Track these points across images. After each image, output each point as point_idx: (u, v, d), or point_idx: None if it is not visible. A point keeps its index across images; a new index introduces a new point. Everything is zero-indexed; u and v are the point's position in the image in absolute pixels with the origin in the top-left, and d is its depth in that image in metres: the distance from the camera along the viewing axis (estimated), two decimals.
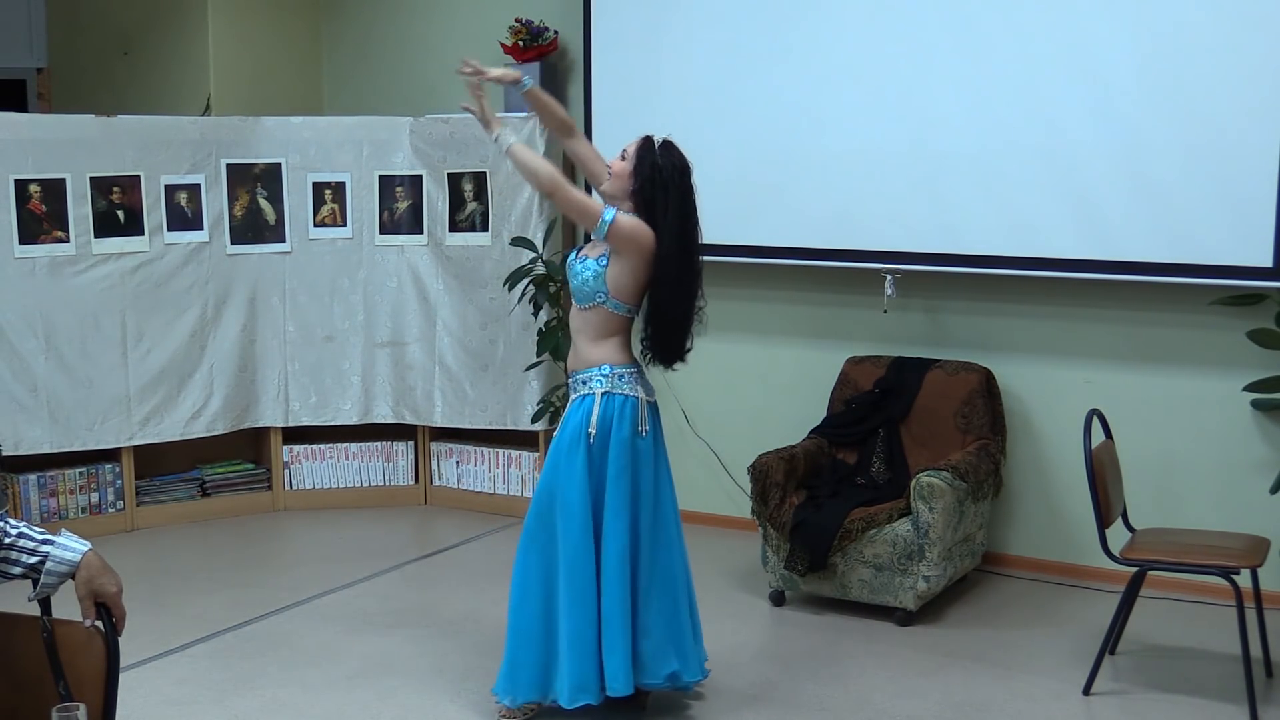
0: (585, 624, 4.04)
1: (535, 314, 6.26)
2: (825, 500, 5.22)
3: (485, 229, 6.50)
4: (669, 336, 4.15)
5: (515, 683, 4.12)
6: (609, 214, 3.99)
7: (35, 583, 2.42)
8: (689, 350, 4.22)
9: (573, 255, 4.23)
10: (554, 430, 6.45)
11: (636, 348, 4.21)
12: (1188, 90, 5.07)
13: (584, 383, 4.11)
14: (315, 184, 6.59)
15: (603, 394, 4.06)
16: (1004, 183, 5.45)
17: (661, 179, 4.04)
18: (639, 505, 4.10)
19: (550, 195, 4.06)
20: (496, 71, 4.25)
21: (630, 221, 4.00)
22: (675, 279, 4.08)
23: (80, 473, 6.24)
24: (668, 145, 4.11)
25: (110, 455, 6.31)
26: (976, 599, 5.39)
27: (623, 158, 4.12)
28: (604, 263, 4.06)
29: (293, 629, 5.05)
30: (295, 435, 6.75)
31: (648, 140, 4.11)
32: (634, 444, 4.08)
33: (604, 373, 4.09)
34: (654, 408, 4.18)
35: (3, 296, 5.98)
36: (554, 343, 6.16)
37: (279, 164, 6.54)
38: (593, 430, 4.03)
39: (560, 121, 4.35)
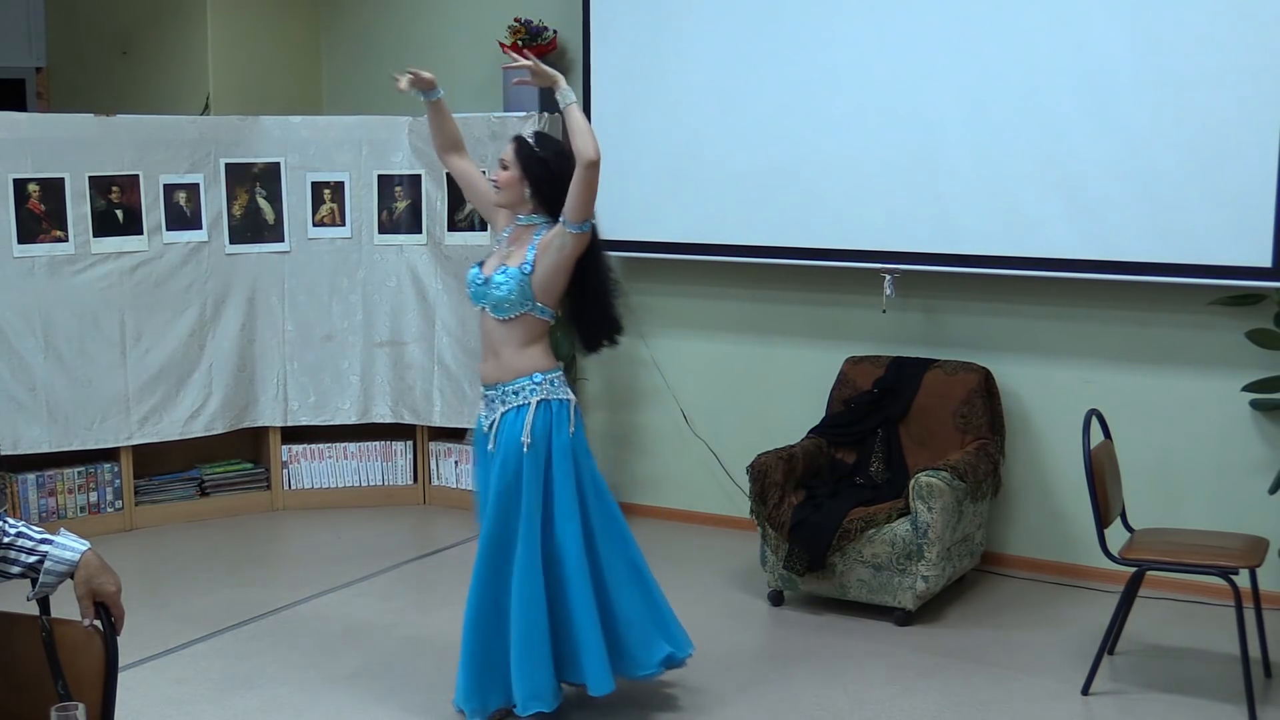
0: (539, 631, 4.03)
1: None
2: (824, 500, 5.22)
3: (485, 229, 6.49)
4: (603, 315, 4.18)
5: (486, 692, 4.10)
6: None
7: (34, 582, 2.42)
8: (622, 320, 4.25)
9: (476, 270, 4.16)
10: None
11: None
12: (1187, 89, 5.07)
13: (515, 393, 4.06)
14: (314, 183, 6.59)
15: (538, 402, 4.05)
16: (1003, 182, 5.45)
17: (552, 171, 4.02)
18: (587, 504, 4.12)
19: (591, 168, 3.87)
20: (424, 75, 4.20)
21: None
22: (595, 259, 4.10)
23: (79, 472, 6.24)
24: (542, 136, 4.11)
25: (109, 455, 6.31)
26: (975, 599, 5.39)
27: (503, 167, 4.08)
28: (529, 270, 4.00)
29: (291, 628, 5.05)
30: (294, 435, 6.75)
31: (521, 141, 4.08)
32: (573, 446, 4.09)
33: (536, 381, 4.07)
34: (578, 408, 4.19)
35: (2, 296, 5.98)
36: (553, 342, 6.15)
37: (278, 163, 6.54)
38: (527, 439, 4.00)
39: (455, 136, 4.32)
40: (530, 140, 4.09)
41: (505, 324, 4.08)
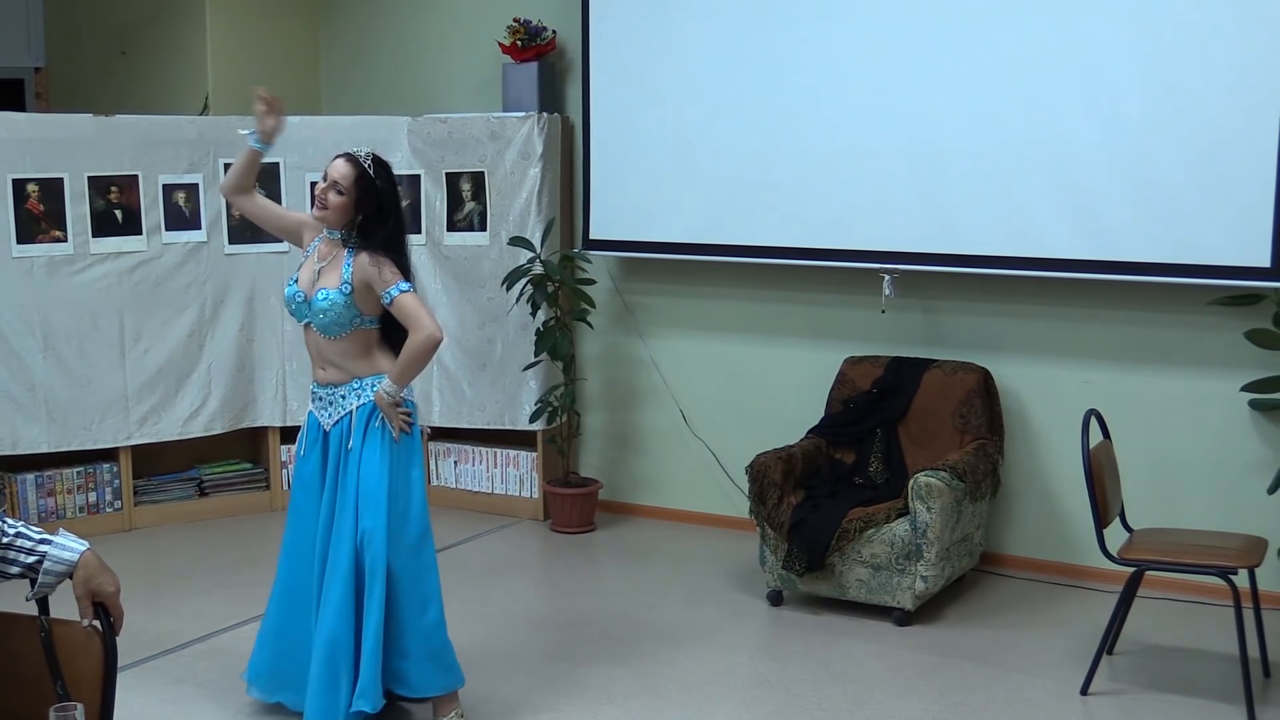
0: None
1: (533, 314, 6.26)
2: (823, 500, 5.22)
3: (483, 229, 6.50)
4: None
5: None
6: (399, 288, 3.93)
7: (33, 582, 2.42)
8: None
9: (293, 288, 4.07)
10: (557, 429, 6.45)
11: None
12: (1186, 90, 5.07)
13: (372, 388, 4.01)
14: (313, 184, 6.57)
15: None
16: (1002, 183, 5.45)
17: (383, 207, 3.98)
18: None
19: (435, 347, 3.97)
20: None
21: (391, 272, 3.95)
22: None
23: (78, 472, 6.24)
24: (380, 164, 4.00)
25: (108, 455, 6.31)
26: (974, 599, 5.39)
27: (338, 191, 3.96)
28: (348, 291, 3.95)
29: None
30: (293, 435, 6.72)
31: (360, 170, 3.96)
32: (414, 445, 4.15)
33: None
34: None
35: (1, 296, 5.98)
36: (552, 342, 6.16)
37: (277, 164, 6.53)
38: (421, 427, 4.10)
39: (250, 185, 4.29)
40: (369, 170, 3.96)
41: (338, 340, 4.03)
